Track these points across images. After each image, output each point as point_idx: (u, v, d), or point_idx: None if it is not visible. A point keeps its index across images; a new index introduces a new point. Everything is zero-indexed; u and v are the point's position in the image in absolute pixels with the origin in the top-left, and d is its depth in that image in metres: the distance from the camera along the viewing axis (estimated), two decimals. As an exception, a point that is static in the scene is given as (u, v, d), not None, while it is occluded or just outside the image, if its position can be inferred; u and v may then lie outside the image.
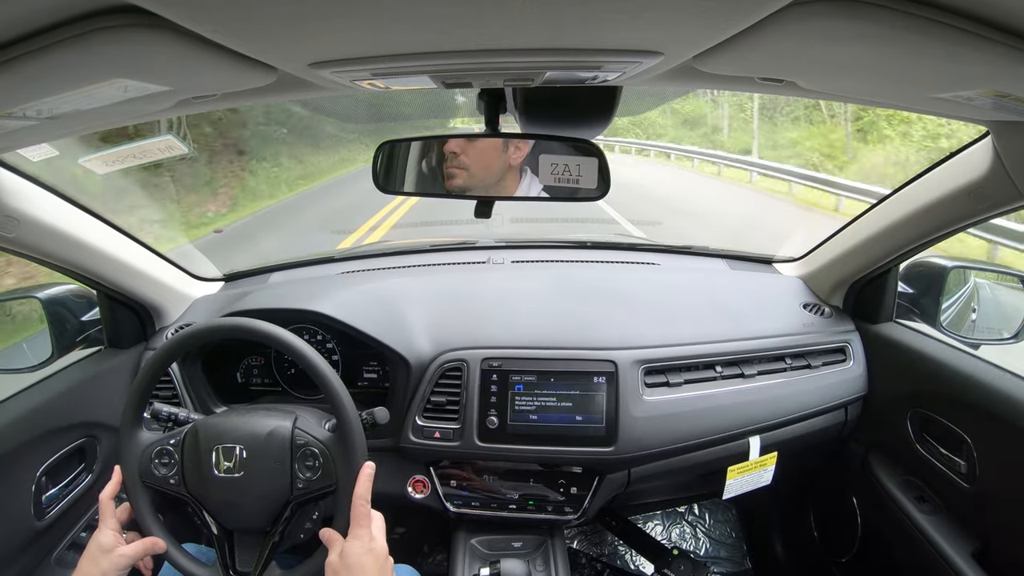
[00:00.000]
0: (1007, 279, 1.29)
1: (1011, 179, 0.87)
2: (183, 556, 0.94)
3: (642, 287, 1.43)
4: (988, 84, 0.58)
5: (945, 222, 1.05)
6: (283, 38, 0.48)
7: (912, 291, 1.28)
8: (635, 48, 0.53)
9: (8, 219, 0.95)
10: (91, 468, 1.20)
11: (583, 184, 0.83)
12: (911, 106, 0.81)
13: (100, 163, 2.29)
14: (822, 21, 0.44)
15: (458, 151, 0.86)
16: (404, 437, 1.20)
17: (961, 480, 1.09)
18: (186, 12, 0.40)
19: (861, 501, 1.39)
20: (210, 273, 1.58)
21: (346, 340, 1.28)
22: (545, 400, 1.17)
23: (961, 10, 0.43)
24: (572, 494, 1.22)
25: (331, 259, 1.67)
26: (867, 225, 1.23)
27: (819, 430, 1.31)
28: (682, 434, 1.19)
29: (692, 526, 1.97)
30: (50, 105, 0.57)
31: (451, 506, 1.24)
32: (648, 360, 1.20)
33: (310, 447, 0.93)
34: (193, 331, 0.97)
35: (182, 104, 0.67)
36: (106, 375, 1.24)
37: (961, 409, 1.10)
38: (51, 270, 1.12)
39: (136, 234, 1.25)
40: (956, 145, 0.97)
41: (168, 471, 0.94)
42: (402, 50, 0.52)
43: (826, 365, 1.30)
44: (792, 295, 1.43)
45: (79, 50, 0.44)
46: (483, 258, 1.62)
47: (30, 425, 1.06)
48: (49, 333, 1.19)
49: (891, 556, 1.27)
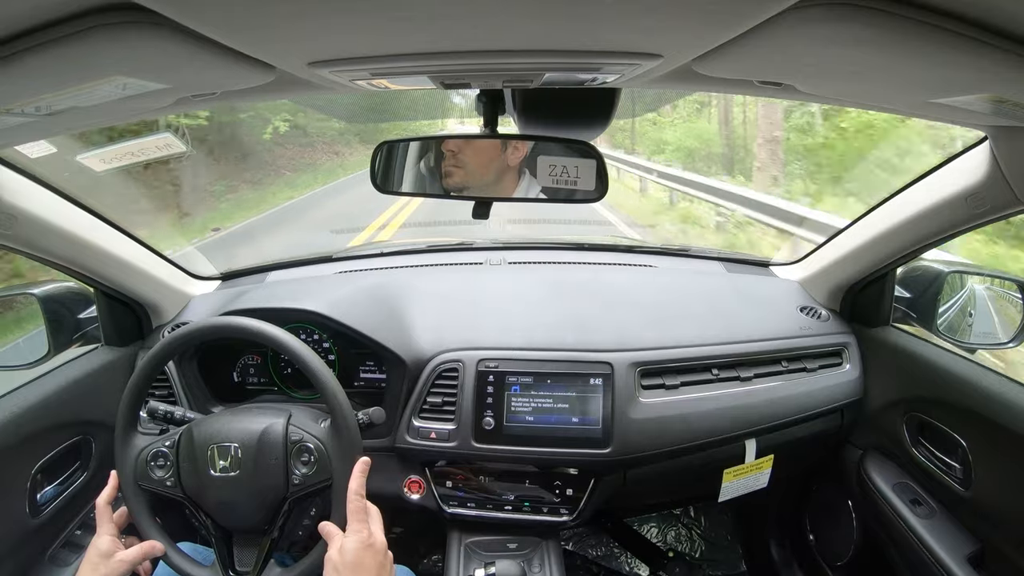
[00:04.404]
0: (1004, 284, 1.29)
1: (1009, 184, 0.87)
2: (182, 558, 0.94)
3: (639, 289, 1.43)
4: (986, 89, 0.58)
5: (943, 227, 1.05)
6: (282, 37, 0.48)
7: (909, 295, 1.28)
8: (634, 50, 0.53)
9: (5, 216, 0.95)
10: (87, 466, 1.20)
11: (581, 185, 0.83)
12: (909, 111, 0.81)
13: (98, 160, 2.29)
14: (821, 25, 0.44)
15: (456, 151, 0.86)
16: (400, 437, 1.20)
17: (957, 484, 1.10)
18: (185, 10, 0.40)
19: (857, 505, 1.39)
20: (207, 271, 1.58)
21: (343, 340, 1.28)
22: (541, 402, 1.17)
23: (960, 15, 0.43)
24: (568, 496, 1.22)
25: (328, 258, 1.67)
26: (864, 229, 1.23)
27: (815, 433, 1.31)
28: (678, 436, 1.19)
29: (688, 528, 1.97)
30: (49, 102, 0.57)
31: (446, 507, 1.23)
32: (644, 362, 1.20)
33: (304, 442, 0.93)
34: (188, 331, 0.97)
35: (181, 102, 0.67)
36: (102, 373, 1.24)
37: (957, 413, 1.10)
38: (48, 267, 1.11)
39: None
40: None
41: (164, 473, 0.94)
42: (401, 50, 0.52)
43: (822, 368, 1.30)
44: (789, 298, 1.43)
45: (78, 47, 0.44)
46: (480, 259, 1.62)
47: (25, 422, 1.05)
48: (45, 330, 1.19)
49: (886, 559, 1.27)
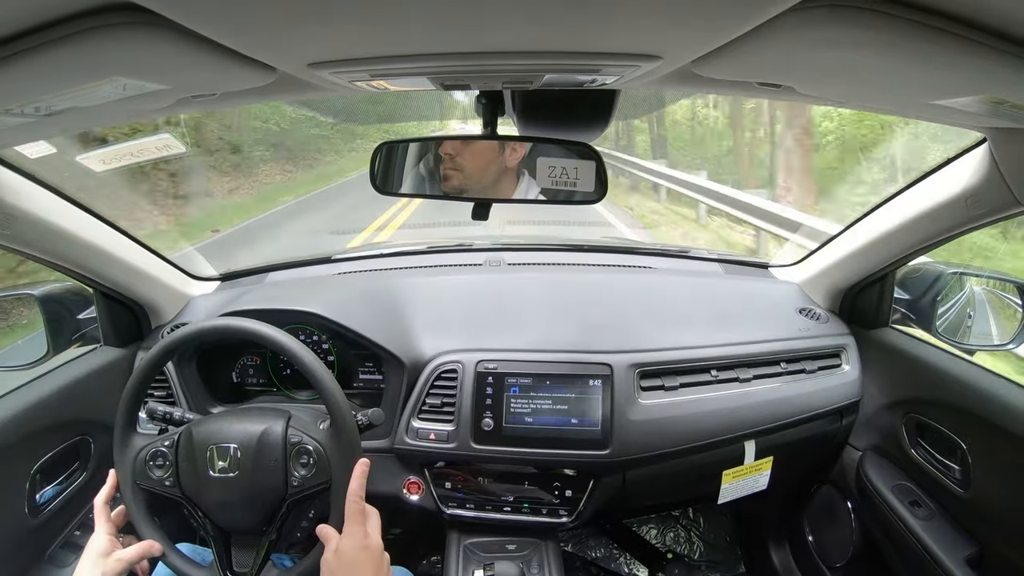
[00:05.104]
0: (1003, 285, 1.29)
1: (1007, 186, 0.87)
2: (180, 558, 0.93)
3: (638, 291, 1.43)
4: (985, 90, 0.58)
5: (942, 228, 1.05)
6: (282, 38, 0.48)
7: (908, 296, 1.28)
8: (634, 52, 0.53)
9: (4, 216, 0.95)
10: (86, 466, 1.20)
11: (580, 187, 0.83)
12: (908, 112, 0.81)
13: (97, 161, 2.29)
14: (820, 27, 0.44)
15: (455, 153, 0.86)
16: (399, 438, 1.20)
17: (956, 485, 1.10)
18: (185, 11, 0.40)
19: (856, 506, 1.39)
20: (207, 272, 1.58)
21: (342, 341, 1.27)
22: (540, 403, 1.16)
23: (958, 17, 0.43)
24: (567, 497, 1.22)
25: (328, 259, 1.66)
26: (863, 231, 1.24)
27: (814, 435, 1.31)
28: (677, 438, 1.19)
29: (687, 530, 1.97)
30: (48, 102, 0.57)
31: (446, 508, 1.23)
32: (644, 364, 1.20)
33: (304, 444, 0.93)
34: (187, 332, 0.97)
35: (181, 103, 0.67)
36: (101, 373, 1.24)
37: (956, 414, 1.10)
38: (47, 267, 1.11)
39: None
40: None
41: (163, 473, 0.94)
42: (401, 51, 0.52)
43: (822, 370, 1.30)
44: (788, 300, 1.43)
45: (78, 48, 0.44)
46: (479, 260, 1.62)
47: (24, 423, 1.05)
48: (44, 330, 1.19)
49: (885, 561, 1.27)
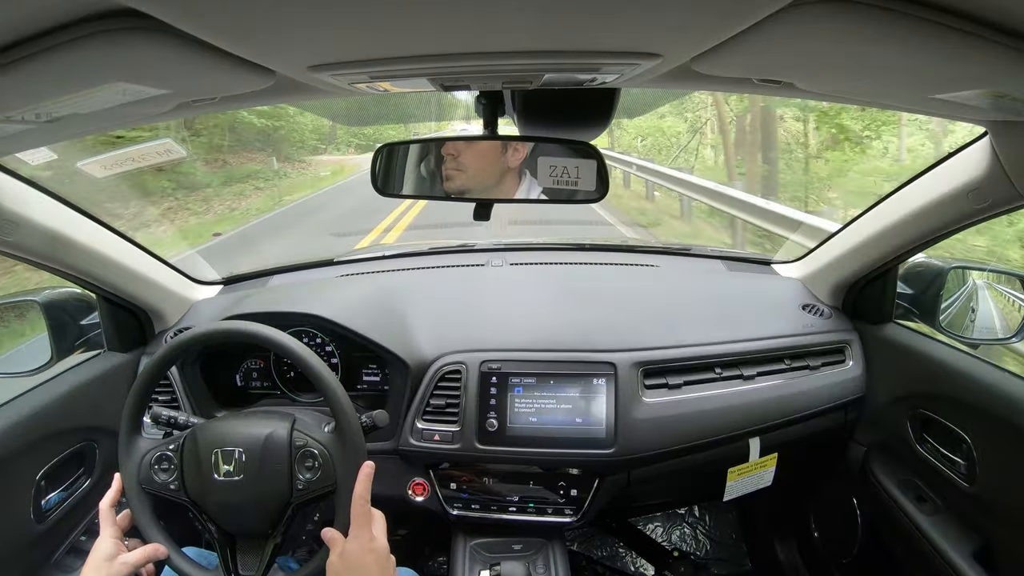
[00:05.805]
0: (1007, 279, 1.29)
1: (1009, 179, 0.87)
2: (185, 561, 0.93)
3: (641, 289, 1.43)
4: (986, 84, 0.58)
5: (944, 223, 1.05)
6: (282, 41, 0.48)
7: (911, 291, 1.28)
8: (633, 50, 0.53)
9: (7, 223, 0.95)
10: (91, 472, 1.20)
11: (582, 186, 0.83)
12: (909, 107, 0.81)
13: (99, 167, 2.29)
14: (821, 22, 0.44)
15: (456, 153, 0.86)
16: (403, 440, 1.20)
17: (961, 480, 1.09)
18: (184, 15, 0.40)
19: (861, 502, 1.39)
20: (209, 276, 1.58)
21: (345, 343, 1.27)
22: (544, 402, 1.16)
23: (959, 11, 0.43)
24: (572, 496, 1.22)
25: (330, 262, 1.67)
26: (865, 226, 1.23)
27: (819, 431, 1.31)
28: (682, 436, 1.18)
29: (692, 528, 1.97)
30: (49, 108, 0.57)
31: (451, 509, 1.23)
32: (647, 362, 1.20)
33: (309, 448, 0.93)
34: (191, 336, 0.97)
35: (181, 107, 0.68)
36: (105, 378, 1.24)
37: (961, 409, 1.10)
38: (50, 273, 1.12)
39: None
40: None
41: (168, 477, 0.94)
42: (401, 53, 0.52)
43: (826, 366, 1.30)
44: (791, 296, 1.43)
45: (77, 54, 0.44)
46: (482, 260, 1.62)
47: (29, 429, 1.05)
48: (48, 336, 1.19)
49: (891, 556, 1.26)
